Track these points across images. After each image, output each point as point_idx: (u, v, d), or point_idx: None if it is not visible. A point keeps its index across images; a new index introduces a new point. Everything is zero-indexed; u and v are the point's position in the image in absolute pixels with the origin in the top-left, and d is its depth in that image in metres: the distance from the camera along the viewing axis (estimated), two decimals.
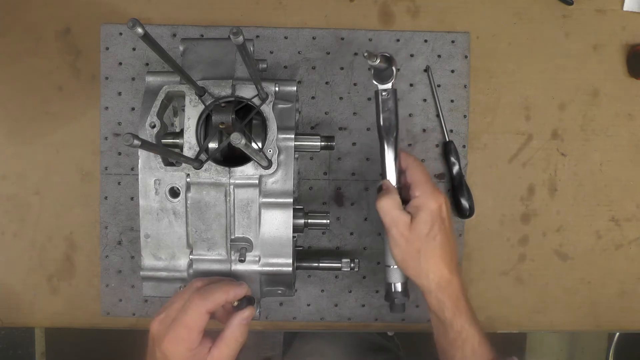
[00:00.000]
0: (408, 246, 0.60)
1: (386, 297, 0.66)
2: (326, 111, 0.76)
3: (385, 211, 0.61)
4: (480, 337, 0.62)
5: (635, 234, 0.79)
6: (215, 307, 0.53)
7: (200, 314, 0.53)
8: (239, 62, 0.61)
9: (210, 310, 0.53)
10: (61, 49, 0.76)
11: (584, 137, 0.78)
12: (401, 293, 0.65)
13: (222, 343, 0.55)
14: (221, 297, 0.54)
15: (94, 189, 0.76)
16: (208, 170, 0.57)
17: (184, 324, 0.53)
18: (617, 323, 0.81)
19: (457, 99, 0.76)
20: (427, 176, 0.62)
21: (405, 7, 0.76)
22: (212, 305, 0.53)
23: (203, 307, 0.53)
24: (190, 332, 0.53)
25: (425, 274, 0.61)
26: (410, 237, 0.60)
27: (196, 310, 0.53)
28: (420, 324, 0.78)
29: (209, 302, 0.53)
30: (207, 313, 0.53)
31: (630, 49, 0.77)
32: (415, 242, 0.60)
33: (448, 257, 0.61)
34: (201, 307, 0.53)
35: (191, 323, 0.52)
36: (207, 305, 0.53)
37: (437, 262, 0.60)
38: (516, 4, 0.77)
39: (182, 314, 0.53)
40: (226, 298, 0.54)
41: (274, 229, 0.60)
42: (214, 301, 0.53)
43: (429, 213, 0.60)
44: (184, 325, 0.52)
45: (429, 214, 0.60)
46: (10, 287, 0.77)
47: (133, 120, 0.75)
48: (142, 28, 0.40)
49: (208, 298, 0.53)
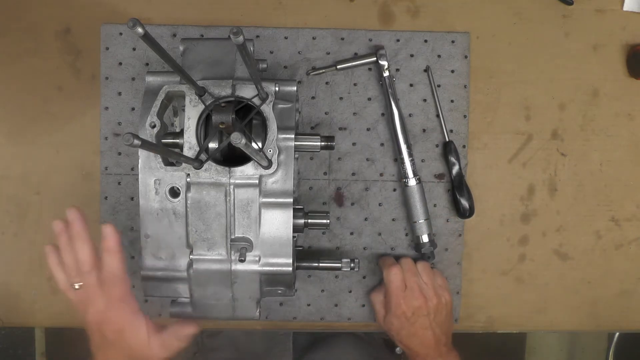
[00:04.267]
0: None
1: (416, 248, 0.76)
2: (326, 111, 0.76)
3: (372, 301, 0.75)
4: None
5: (635, 234, 0.79)
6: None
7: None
8: (239, 62, 0.61)
9: None
10: (61, 49, 0.76)
11: (584, 137, 0.78)
12: (428, 243, 0.74)
13: (165, 332, 0.62)
14: None
15: (94, 189, 0.76)
16: (208, 170, 0.57)
17: (116, 297, 0.60)
18: (617, 323, 0.81)
19: (457, 99, 0.76)
20: (393, 288, 0.71)
21: (405, 7, 0.76)
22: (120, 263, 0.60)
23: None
24: (127, 302, 0.61)
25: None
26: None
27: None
28: None
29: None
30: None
31: (630, 49, 0.77)
32: (390, 331, 0.73)
33: (418, 343, 0.70)
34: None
35: (120, 294, 0.61)
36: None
37: (406, 347, 0.71)
38: (516, 4, 0.77)
39: (109, 291, 0.60)
40: None
41: (274, 229, 0.60)
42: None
43: (395, 317, 0.71)
44: (117, 298, 0.60)
45: (395, 317, 0.71)
46: (10, 287, 0.77)
47: (133, 120, 0.75)
48: (142, 28, 0.40)
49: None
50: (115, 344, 0.60)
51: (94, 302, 0.60)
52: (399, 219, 0.77)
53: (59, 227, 0.62)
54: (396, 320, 0.70)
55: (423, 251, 0.75)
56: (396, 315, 0.70)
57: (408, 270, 0.71)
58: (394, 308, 0.70)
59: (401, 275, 0.70)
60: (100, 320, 0.60)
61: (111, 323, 0.60)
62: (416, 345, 0.70)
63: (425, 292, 0.70)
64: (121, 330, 0.60)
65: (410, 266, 0.71)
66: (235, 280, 0.60)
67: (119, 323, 0.60)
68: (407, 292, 0.70)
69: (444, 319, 0.71)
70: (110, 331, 0.60)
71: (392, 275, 0.70)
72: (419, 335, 0.70)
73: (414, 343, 0.70)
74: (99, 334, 0.61)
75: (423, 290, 0.70)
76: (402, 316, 0.69)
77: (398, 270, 0.70)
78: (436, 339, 0.70)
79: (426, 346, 0.70)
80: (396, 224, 0.77)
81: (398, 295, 0.70)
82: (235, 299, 0.61)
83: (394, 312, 0.70)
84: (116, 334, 0.60)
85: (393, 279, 0.70)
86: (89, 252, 0.60)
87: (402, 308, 0.69)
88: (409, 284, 0.70)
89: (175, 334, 0.63)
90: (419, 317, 0.69)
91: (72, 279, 0.61)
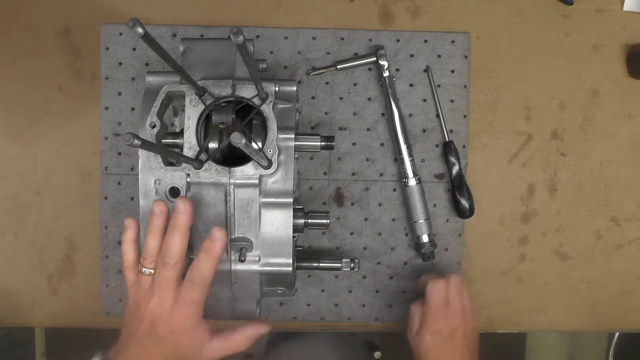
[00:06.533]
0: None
1: (416, 248, 0.76)
2: (326, 111, 0.76)
3: (411, 312, 0.71)
4: None
5: (635, 234, 0.79)
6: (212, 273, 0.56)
7: (204, 286, 0.56)
8: (239, 62, 0.61)
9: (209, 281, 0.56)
10: (61, 49, 0.76)
11: (584, 137, 0.78)
12: (428, 243, 0.74)
13: (226, 340, 0.58)
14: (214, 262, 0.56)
15: (94, 189, 0.76)
16: (208, 170, 0.57)
17: (191, 300, 0.56)
18: (617, 323, 0.81)
19: (457, 99, 0.76)
20: (434, 302, 0.68)
21: (405, 7, 0.76)
22: (211, 273, 0.56)
23: (207, 280, 0.56)
24: (198, 307, 0.56)
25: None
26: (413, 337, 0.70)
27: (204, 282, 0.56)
28: None
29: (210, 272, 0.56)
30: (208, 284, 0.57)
31: (630, 49, 0.77)
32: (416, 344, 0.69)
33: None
34: (206, 280, 0.56)
35: (198, 298, 0.56)
36: (209, 278, 0.56)
37: None
38: (516, 4, 0.77)
39: (187, 292, 0.56)
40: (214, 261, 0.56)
41: (274, 229, 0.60)
42: (213, 264, 0.56)
43: (429, 332, 0.67)
44: (192, 302, 0.56)
45: (429, 332, 0.67)
46: (10, 287, 0.77)
47: (133, 120, 0.75)
48: (142, 28, 0.40)
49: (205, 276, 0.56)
50: (164, 341, 0.56)
51: (163, 295, 0.56)
52: (399, 219, 0.77)
53: (163, 208, 0.56)
54: (429, 336, 0.66)
55: (423, 251, 0.75)
56: (431, 331, 0.66)
57: (455, 287, 0.68)
58: (431, 322, 0.67)
59: (446, 290, 0.67)
60: (159, 315, 0.56)
61: (172, 322, 0.56)
62: None
63: (466, 314, 0.67)
64: (181, 331, 0.56)
65: (458, 284, 0.69)
66: (235, 280, 0.60)
67: (181, 324, 0.56)
68: (449, 309, 0.67)
69: (474, 349, 0.68)
70: (166, 329, 0.56)
71: (437, 289, 0.67)
72: (447, 356, 0.66)
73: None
74: (148, 326, 0.56)
75: (465, 311, 0.68)
76: (437, 333, 0.66)
77: (444, 284, 0.68)
78: None
79: None
80: (396, 224, 0.77)
81: (439, 310, 0.67)
82: (235, 299, 0.61)
83: (430, 327, 0.66)
84: (172, 333, 0.56)
85: (436, 292, 0.67)
86: (182, 246, 0.55)
87: (439, 324, 0.66)
88: (452, 302, 0.67)
89: (244, 335, 0.59)
90: (454, 338, 0.66)
91: (146, 263, 0.56)
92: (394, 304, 0.78)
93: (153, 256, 0.56)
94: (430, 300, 0.67)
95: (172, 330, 0.56)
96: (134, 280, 0.58)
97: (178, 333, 0.56)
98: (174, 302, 0.56)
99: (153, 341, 0.56)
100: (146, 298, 0.56)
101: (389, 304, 0.78)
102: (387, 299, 0.78)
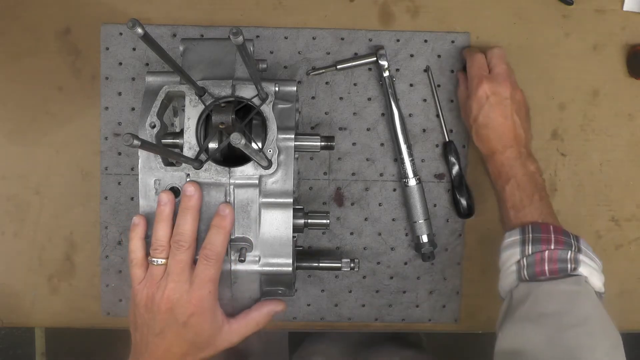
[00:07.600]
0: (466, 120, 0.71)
1: (416, 248, 0.76)
2: (326, 111, 0.76)
3: (459, 96, 0.73)
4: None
5: (635, 234, 0.79)
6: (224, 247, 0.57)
7: (219, 263, 0.56)
8: (239, 62, 0.61)
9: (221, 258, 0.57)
10: (61, 49, 0.76)
11: (584, 137, 0.78)
12: (428, 243, 0.74)
13: (244, 319, 0.59)
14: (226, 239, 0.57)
15: (94, 189, 0.76)
16: (208, 170, 0.57)
17: (209, 278, 0.56)
18: (617, 323, 0.81)
19: (457, 99, 0.76)
20: (475, 70, 0.68)
21: (405, 7, 0.76)
22: (223, 248, 0.56)
23: (220, 257, 0.56)
24: (215, 285, 0.56)
25: (476, 145, 0.70)
26: (465, 116, 0.71)
27: (217, 263, 0.56)
28: (422, 323, 0.79)
29: (222, 248, 0.56)
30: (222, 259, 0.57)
31: (630, 49, 0.77)
32: (468, 120, 0.70)
33: (496, 136, 0.67)
34: (219, 258, 0.56)
35: (214, 276, 0.56)
36: (222, 253, 0.56)
37: (482, 140, 0.68)
38: (516, 4, 0.77)
39: (203, 271, 0.55)
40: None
41: (274, 229, 0.60)
42: (225, 242, 0.56)
43: (475, 99, 0.68)
44: (209, 279, 0.56)
45: (475, 100, 0.68)
46: (10, 287, 0.77)
47: (133, 120, 0.75)
48: (142, 28, 0.40)
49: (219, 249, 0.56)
50: (185, 327, 0.55)
51: (180, 280, 0.55)
52: (399, 219, 0.77)
53: (170, 197, 0.56)
54: (476, 103, 0.67)
55: (423, 251, 0.75)
56: (476, 98, 0.67)
57: (497, 56, 0.68)
58: (474, 89, 0.67)
59: (484, 60, 0.68)
60: (178, 300, 0.55)
61: (191, 304, 0.55)
62: (493, 138, 0.66)
63: (512, 81, 0.67)
64: (201, 313, 0.55)
65: (501, 53, 0.69)
66: (235, 280, 0.60)
67: (200, 306, 0.55)
68: (492, 75, 0.67)
69: (525, 117, 0.68)
70: (186, 313, 0.55)
71: (475, 60, 0.68)
72: (498, 122, 0.66)
73: (491, 134, 0.66)
74: (166, 315, 0.55)
75: (510, 78, 0.67)
76: (483, 97, 0.66)
77: (482, 56, 0.69)
78: (516, 135, 0.66)
79: (504, 140, 0.66)
80: (396, 224, 0.77)
81: (481, 77, 0.67)
82: (235, 299, 0.61)
83: (474, 94, 0.67)
84: (192, 316, 0.55)
85: (476, 62, 0.68)
86: (194, 228, 0.55)
87: (483, 88, 0.66)
88: (496, 69, 0.67)
89: (262, 312, 0.60)
90: (500, 99, 0.66)
91: (156, 254, 0.56)
92: (394, 304, 0.78)
93: (164, 245, 0.56)
94: (471, 72, 0.69)
95: (192, 313, 0.55)
96: (142, 276, 0.57)
97: (198, 314, 0.56)
98: (191, 284, 0.55)
99: (174, 329, 0.56)
100: (161, 287, 0.56)
101: (389, 304, 0.78)
102: (387, 299, 0.78)
